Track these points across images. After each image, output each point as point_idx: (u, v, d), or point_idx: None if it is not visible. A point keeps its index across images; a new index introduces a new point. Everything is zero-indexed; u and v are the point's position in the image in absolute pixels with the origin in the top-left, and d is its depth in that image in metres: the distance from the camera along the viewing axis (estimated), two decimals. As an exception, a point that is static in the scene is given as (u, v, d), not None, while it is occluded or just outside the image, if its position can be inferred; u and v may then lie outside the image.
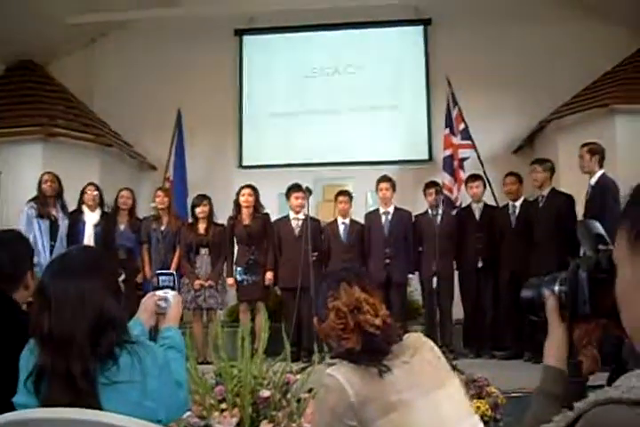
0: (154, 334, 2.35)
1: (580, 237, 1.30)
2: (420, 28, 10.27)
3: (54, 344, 1.83)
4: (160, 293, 2.42)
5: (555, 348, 1.33)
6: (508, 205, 7.26)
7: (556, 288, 1.33)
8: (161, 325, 2.34)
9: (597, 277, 1.24)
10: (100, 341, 1.85)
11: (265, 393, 3.41)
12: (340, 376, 1.92)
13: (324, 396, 1.97)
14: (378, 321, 1.98)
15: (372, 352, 1.95)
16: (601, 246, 1.26)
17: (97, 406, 1.80)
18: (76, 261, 1.99)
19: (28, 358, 1.90)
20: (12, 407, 1.87)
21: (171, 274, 2.59)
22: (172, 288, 2.50)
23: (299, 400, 3.53)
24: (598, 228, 1.30)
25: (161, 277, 2.55)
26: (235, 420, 3.33)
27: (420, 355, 2.02)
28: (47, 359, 1.83)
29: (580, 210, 6.47)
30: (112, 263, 2.27)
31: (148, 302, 2.36)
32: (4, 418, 1.75)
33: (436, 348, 2.11)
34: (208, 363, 5.51)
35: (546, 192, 6.77)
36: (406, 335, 2.09)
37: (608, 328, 1.27)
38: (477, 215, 7.40)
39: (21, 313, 2.53)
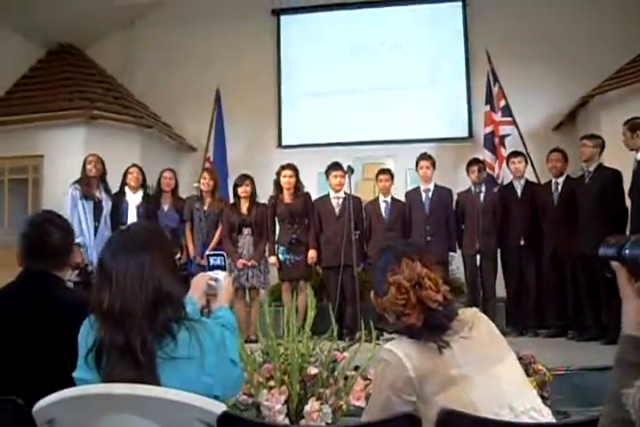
0: (205, 314, 2.35)
1: None
2: (459, 2, 10.11)
3: (114, 319, 1.84)
4: (211, 273, 2.41)
5: (631, 317, 1.29)
6: (550, 181, 7.12)
7: None
8: (212, 305, 2.31)
9: None
10: (158, 316, 1.86)
11: (313, 370, 3.42)
12: (399, 351, 1.91)
13: (383, 371, 1.96)
14: (439, 297, 1.97)
15: (434, 328, 1.94)
16: None
17: (157, 381, 1.80)
18: (135, 237, 2.00)
19: (87, 334, 1.92)
20: (71, 382, 1.88)
21: (221, 255, 2.56)
22: (223, 269, 2.49)
23: (346, 378, 3.54)
24: None
25: (211, 258, 2.52)
26: (283, 397, 3.34)
27: (478, 330, 2.00)
28: (107, 334, 1.84)
29: (626, 187, 6.32)
30: (169, 240, 2.27)
31: (199, 281, 2.34)
32: (67, 393, 1.77)
33: (492, 323, 2.09)
34: (250, 342, 5.58)
35: (592, 168, 6.57)
36: (461, 310, 2.06)
37: None
38: (519, 192, 7.29)
39: (67, 289, 2.65)
